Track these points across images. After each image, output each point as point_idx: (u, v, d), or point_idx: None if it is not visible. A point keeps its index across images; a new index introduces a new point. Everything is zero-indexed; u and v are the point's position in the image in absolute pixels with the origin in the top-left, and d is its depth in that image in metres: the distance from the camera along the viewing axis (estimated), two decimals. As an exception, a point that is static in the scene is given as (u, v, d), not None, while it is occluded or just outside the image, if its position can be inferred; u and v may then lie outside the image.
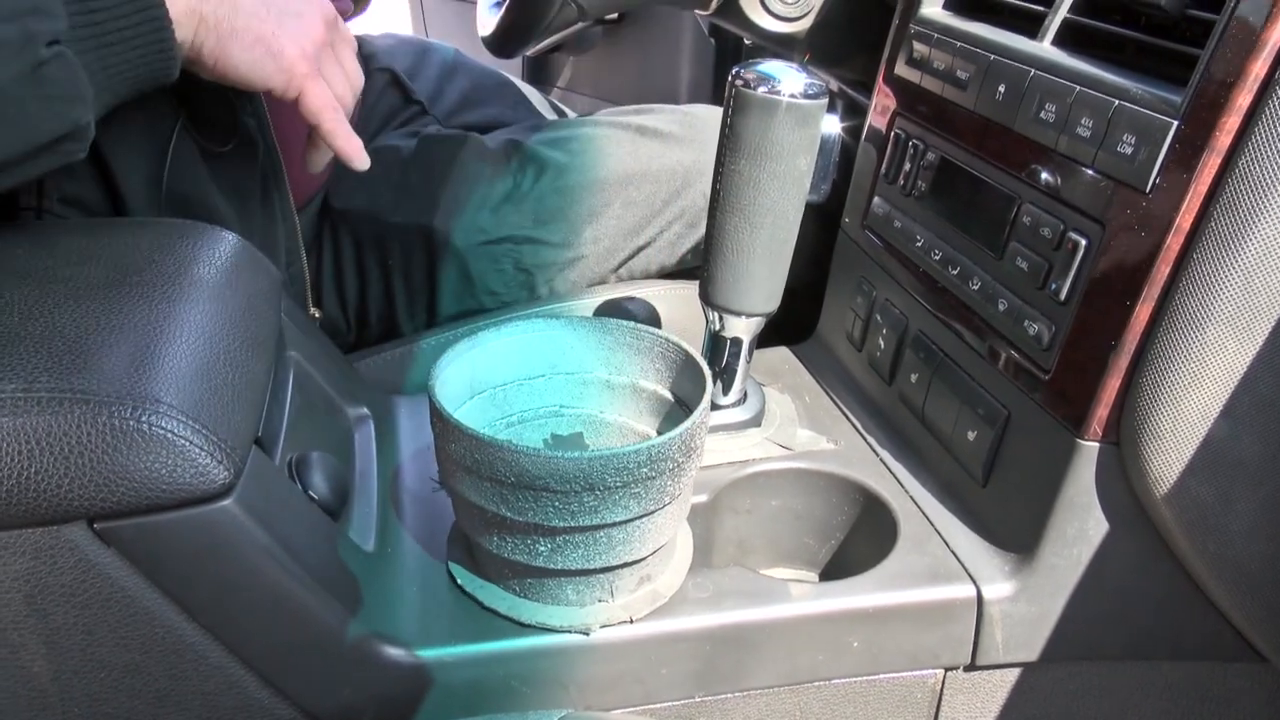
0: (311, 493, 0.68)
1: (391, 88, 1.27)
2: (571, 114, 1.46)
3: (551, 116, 1.42)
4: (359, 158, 0.86)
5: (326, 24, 0.82)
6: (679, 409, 0.73)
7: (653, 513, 0.64)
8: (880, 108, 0.94)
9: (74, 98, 0.65)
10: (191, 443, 0.55)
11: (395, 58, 1.31)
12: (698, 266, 1.15)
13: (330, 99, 0.82)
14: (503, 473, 0.61)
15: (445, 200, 1.07)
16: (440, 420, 0.64)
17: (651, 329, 0.74)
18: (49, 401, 0.53)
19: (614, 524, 0.63)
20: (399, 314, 1.10)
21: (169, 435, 0.54)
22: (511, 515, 0.62)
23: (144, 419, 0.54)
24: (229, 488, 0.56)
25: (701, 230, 1.12)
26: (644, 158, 1.11)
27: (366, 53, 1.28)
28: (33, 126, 0.63)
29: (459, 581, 0.69)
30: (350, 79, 0.86)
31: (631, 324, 0.74)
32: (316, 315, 1.06)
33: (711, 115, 1.19)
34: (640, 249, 1.12)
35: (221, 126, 0.88)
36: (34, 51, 0.61)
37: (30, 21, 0.61)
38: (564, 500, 0.61)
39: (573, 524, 0.62)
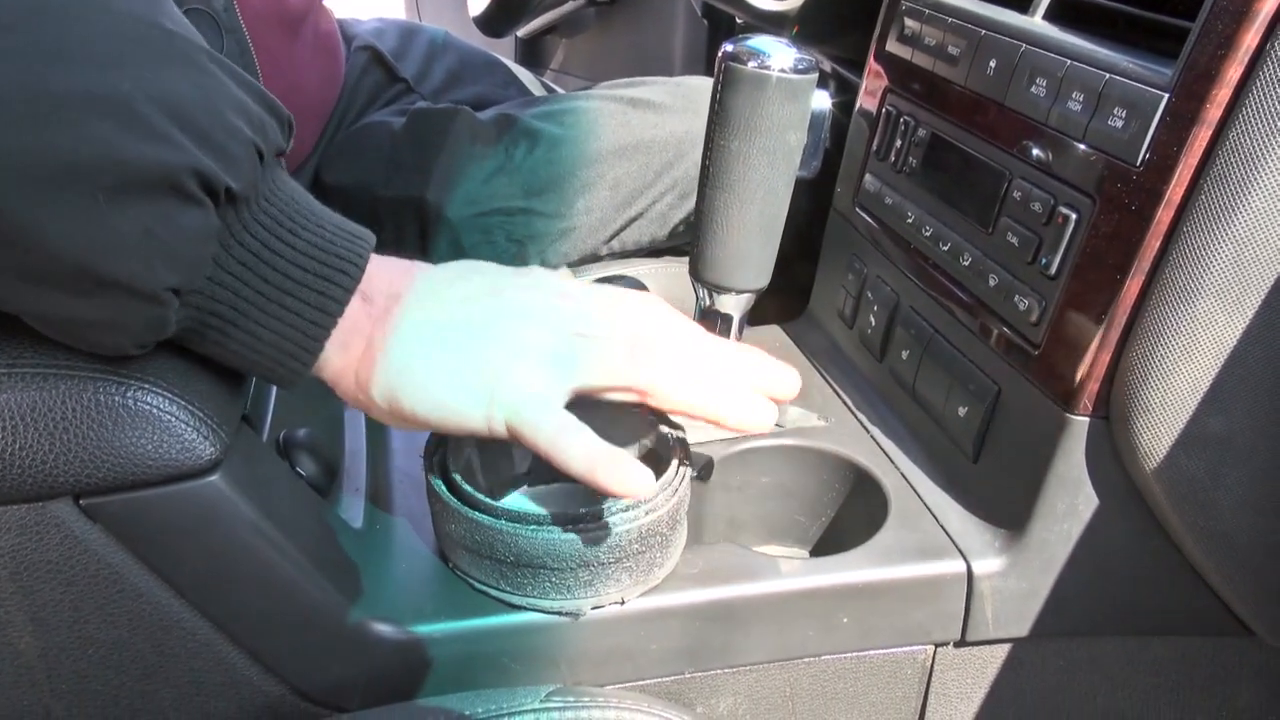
0: (300, 470, 0.68)
1: (374, 65, 1.26)
2: (562, 92, 1.46)
3: (541, 95, 1.41)
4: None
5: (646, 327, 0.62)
6: None
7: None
8: (871, 85, 0.94)
9: (175, 258, 0.50)
10: (178, 418, 0.54)
11: (380, 38, 1.31)
12: (688, 241, 1.15)
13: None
14: (501, 552, 0.63)
15: (437, 173, 1.07)
16: (438, 501, 0.65)
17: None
18: (34, 377, 0.53)
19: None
20: None
21: (155, 411, 0.54)
22: (510, 590, 0.66)
23: (130, 394, 0.54)
24: (216, 464, 0.56)
25: (693, 201, 1.11)
26: (637, 129, 1.11)
27: (349, 34, 1.27)
28: (102, 250, 0.48)
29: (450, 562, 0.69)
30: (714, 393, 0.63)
31: None
32: None
33: (704, 85, 1.19)
34: (632, 220, 1.12)
35: None
36: (189, 167, 0.49)
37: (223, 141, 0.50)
38: (560, 576, 0.64)
39: (569, 598, 0.65)
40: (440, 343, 0.59)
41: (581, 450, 0.58)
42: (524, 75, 1.43)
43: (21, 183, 0.45)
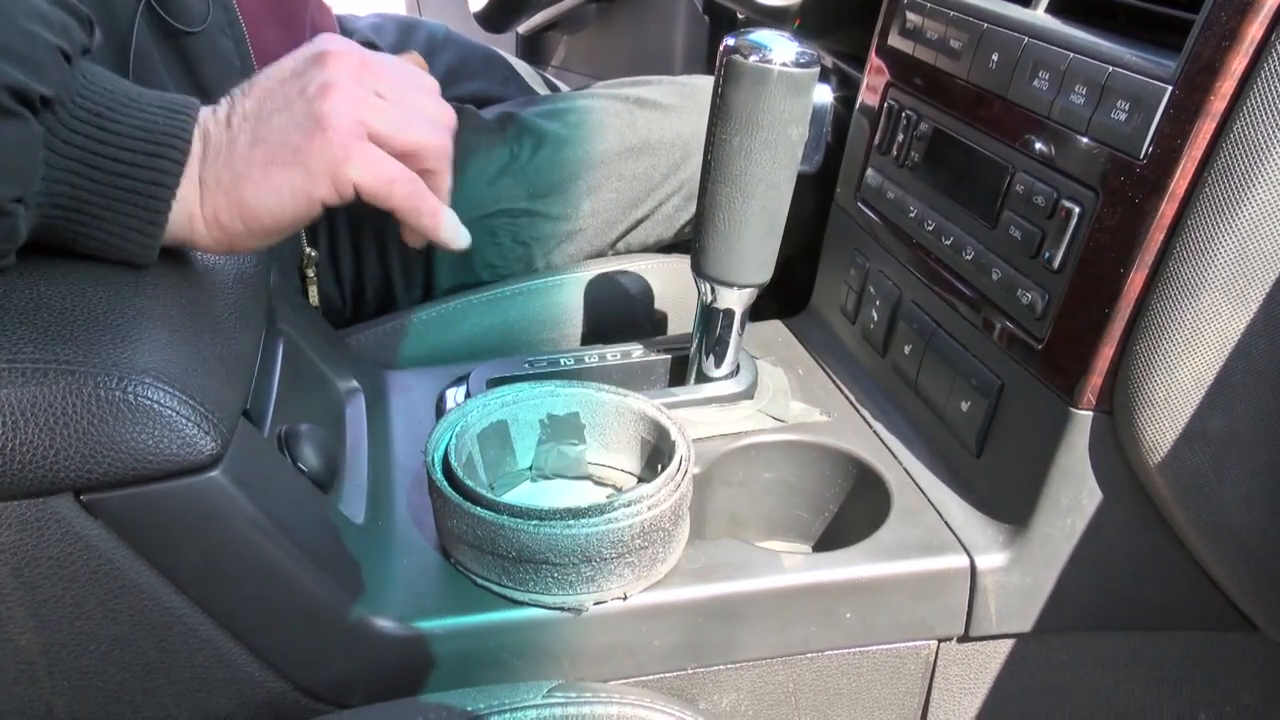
0: (301, 465, 0.67)
1: None
2: (565, 89, 1.45)
3: (544, 92, 1.41)
4: (454, 238, 0.71)
5: (349, 74, 0.64)
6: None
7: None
8: (873, 79, 0.94)
9: (6, 170, 0.54)
10: (178, 413, 0.54)
11: (379, 34, 1.30)
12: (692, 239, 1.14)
13: (387, 167, 0.65)
14: (504, 547, 0.63)
15: None
16: (440, 497, 0.65)
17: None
18: (34, 373, 0.53)
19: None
20: (396, 289, 1.09)
21: (155, 406, 0.54)
22: (512, 586, 0.66)
23: (130, 389, 0.53)
24: (216, 459, 0.56)
25: None
26: (643, 130, 1.11)
27: (348, 29, 1.27)
28: None
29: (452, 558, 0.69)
30: (428, 116, 0.68)
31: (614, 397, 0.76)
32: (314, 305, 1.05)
33: (709, 85, 1.18)
34: (639, 222, 1.11)
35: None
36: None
37: (13, 64, 0.52)
38: (562, 571, 0.64)
39: (571, 593, 0.65)
40: (257, 154, 0.63)
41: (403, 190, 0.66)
42: (525, 71, 1.42)
43: None
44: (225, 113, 0.64)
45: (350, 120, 0.63)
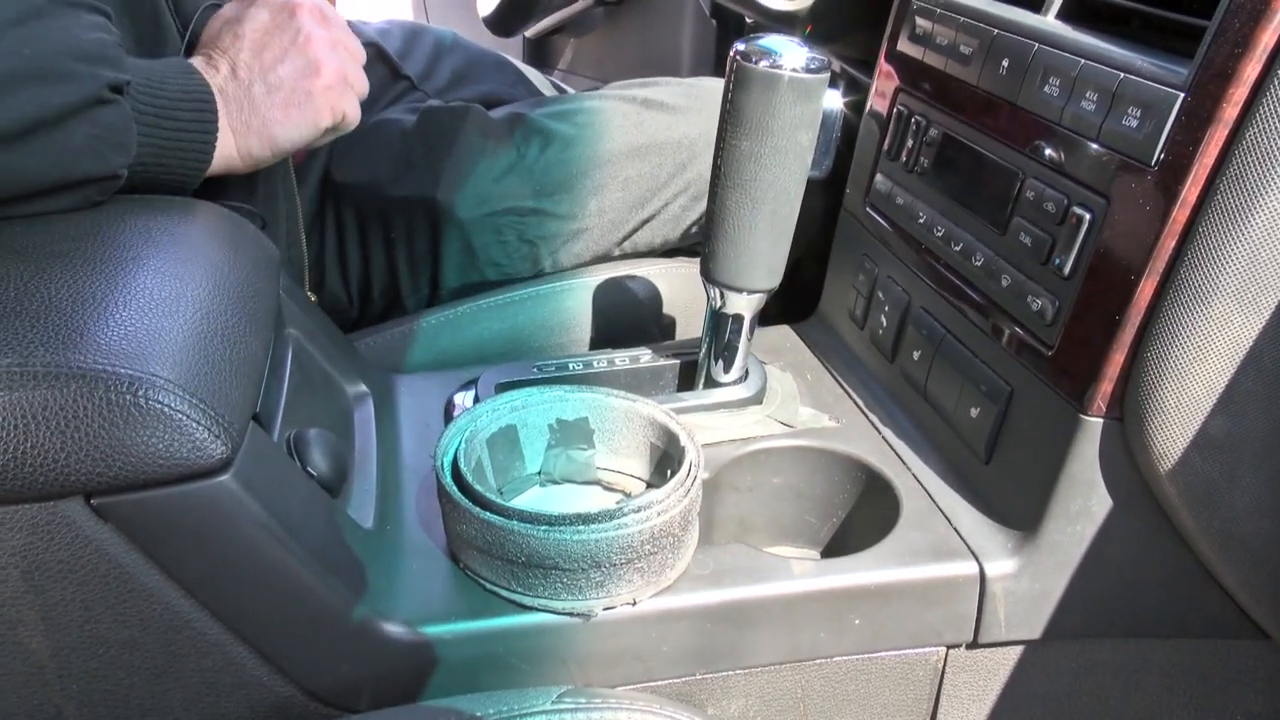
0: (310, 469, 0.67)
1: (376, 62, 1.26)
2: (572, 92, 1.46)
3: (551, 94, 1.41)
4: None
5: (318, 23, 0.83)
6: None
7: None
8: (882, 84, 0.94)
9: (119, 145, 0.69)
10: (189, 418, 0.54)
11: (386, 38, 1.30)
12: (700, 242, 1.14)
13: (353, 97, 0.86)
14: (513, 552, 0.64)
15: (448, 172, 1.07)
16: (450, 501, 0.64)
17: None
18: (45, 376, 0.53)
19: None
20: (402, 288, 1.09)
21: (166, 410, 0.54)
22: (521, 591, 0.66)
23: (141, 394, 0.53)
24: (226, 463, 0.56)
25: (705, 203, 1.11)
26: (649, 130, 1.11)
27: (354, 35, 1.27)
28: (72, 161, 0.67)
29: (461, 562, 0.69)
30: (356, 57, 0.88)
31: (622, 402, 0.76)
32: (313, 300, 1.05)
33: (717, 87, 1.18)
34: (645, 222, 1.11)
35: None
36: (97, 89, 0.66)
37: (100, 66, 0.67)
38: (571, 577, 0.64)
39: (580, 598, 0.65)
40: (276, 100, 0.81)
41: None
42: (533, 75, 1.42)
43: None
44: (227, 66, 0.80)
45: (334, 65, 0.83)
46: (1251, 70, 0.58)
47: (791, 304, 1.06)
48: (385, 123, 1.12)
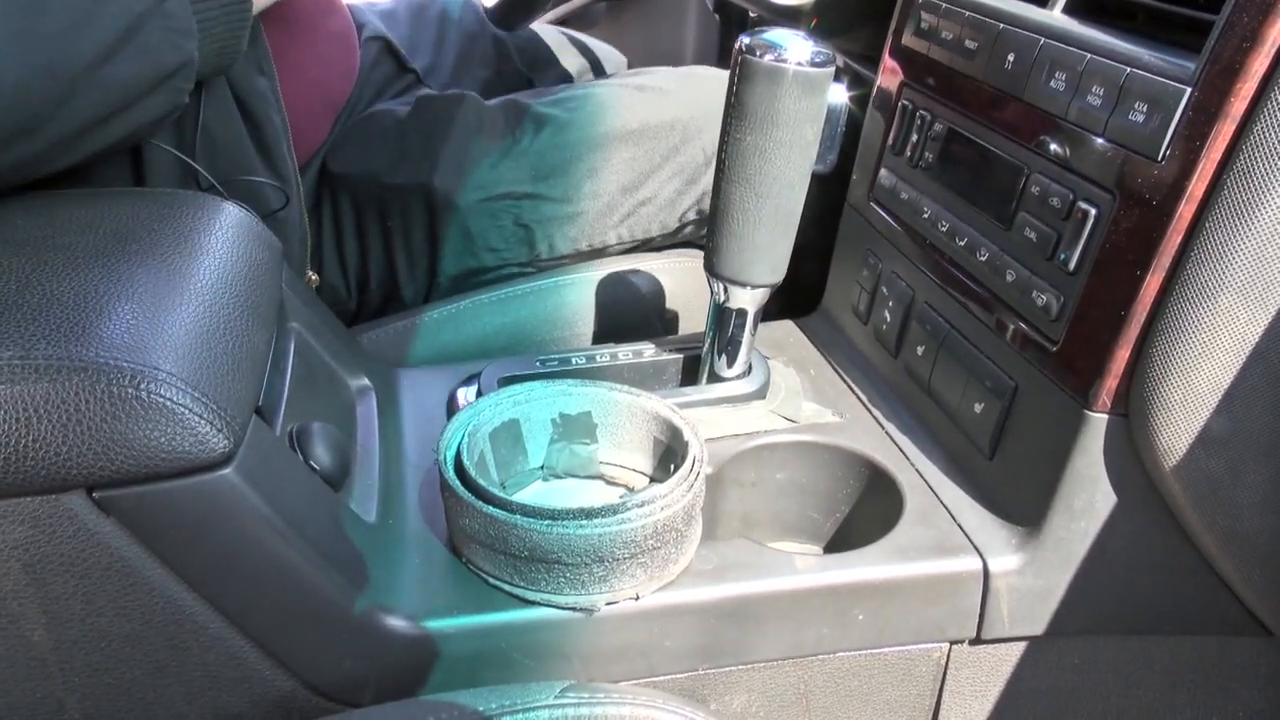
0: (312, 463, 0.67)
1: (385, 56, 1.26)
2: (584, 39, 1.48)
3: (572, 54, 1.44)
4: None
5: None
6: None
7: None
8: (887, 79, 0.93)
9: (187, 31, 0.75)
10: (191, 411, 0.54)
11: (393, 25, 1.31)
12: (701, 234, 1.14)
13: None
14: (516, 547, 0.63)
15: (444, 158, 1.07)
16: (452, 495, 0.64)
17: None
18: (47, 369, 0.53)
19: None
20: (400, 276, 1.10)
21: (168, 403, 0.54)
22: (524, 586, 0.65)
23: (143, 387, 0.53)
24: (229, 456, 0.56)
25: (700, 186, 1.12)
26: (643, 113, 1.11)
27: (360, 22, 1.27)
28: (158, 57, 0.73)
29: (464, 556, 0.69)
30: None
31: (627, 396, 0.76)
32: (314, 279, 1.05)
33: (708, 71, 1.20)
34: (640, 205, 1.11)
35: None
36: None
37: None
38: (574, 571, 0.64)
39: (583, 593, 0.65)
40: None
41: None
42: (552, 39, 1.44)
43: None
44: None
45: None
46: (1259, 65, 0.57)
47: (795, 299, 1.06)
48: (380, 113, 1.13)
